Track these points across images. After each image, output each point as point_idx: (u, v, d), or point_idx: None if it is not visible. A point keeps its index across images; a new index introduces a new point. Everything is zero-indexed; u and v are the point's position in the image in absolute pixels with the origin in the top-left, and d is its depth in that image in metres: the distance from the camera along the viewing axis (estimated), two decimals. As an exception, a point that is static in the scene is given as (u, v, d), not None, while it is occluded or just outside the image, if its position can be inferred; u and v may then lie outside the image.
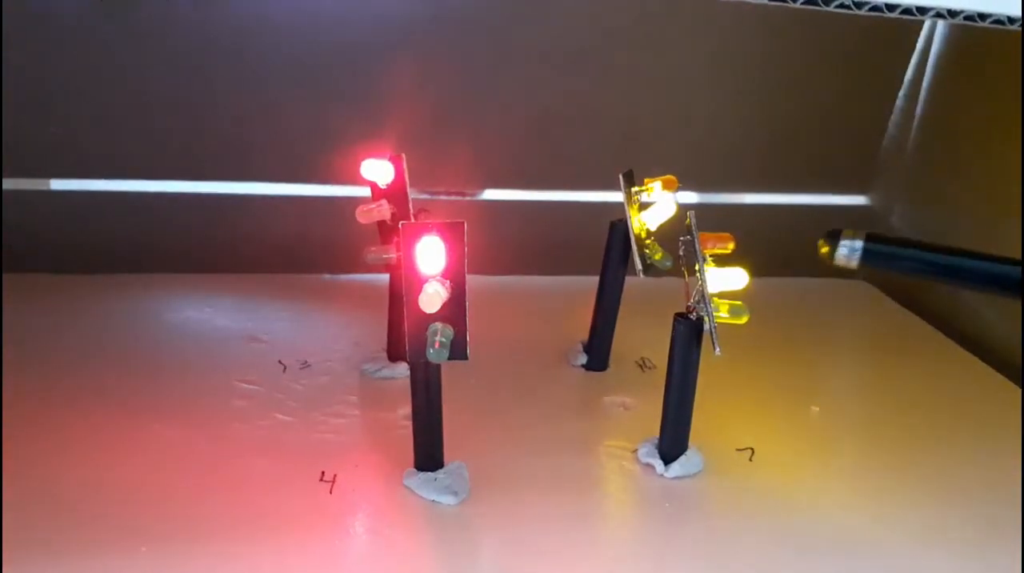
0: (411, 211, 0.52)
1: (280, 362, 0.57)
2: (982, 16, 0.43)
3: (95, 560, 0.38)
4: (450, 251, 0.40)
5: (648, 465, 0.48)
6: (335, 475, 0.45)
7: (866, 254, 0.39)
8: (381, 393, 0.55)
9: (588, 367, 0.59)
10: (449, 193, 0.77)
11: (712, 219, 0.45)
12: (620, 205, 0.53)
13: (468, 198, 0.78)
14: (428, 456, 0.45)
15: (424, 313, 0.39)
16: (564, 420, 0.53)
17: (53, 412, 0.49)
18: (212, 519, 0.41)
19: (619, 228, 0.55)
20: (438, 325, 0.40)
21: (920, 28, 0.78)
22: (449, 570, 0.39)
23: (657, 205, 0.54)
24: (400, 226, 0.40)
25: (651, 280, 0.52)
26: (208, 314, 0.63)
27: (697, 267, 0.44)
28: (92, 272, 0.68)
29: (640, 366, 0.60)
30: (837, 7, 0.43)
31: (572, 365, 0.60)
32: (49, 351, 0.56)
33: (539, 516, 0.43)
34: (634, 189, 0.53)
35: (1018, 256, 0.37)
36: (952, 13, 0.43)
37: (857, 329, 0.73)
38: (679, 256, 0.45)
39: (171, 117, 0.69)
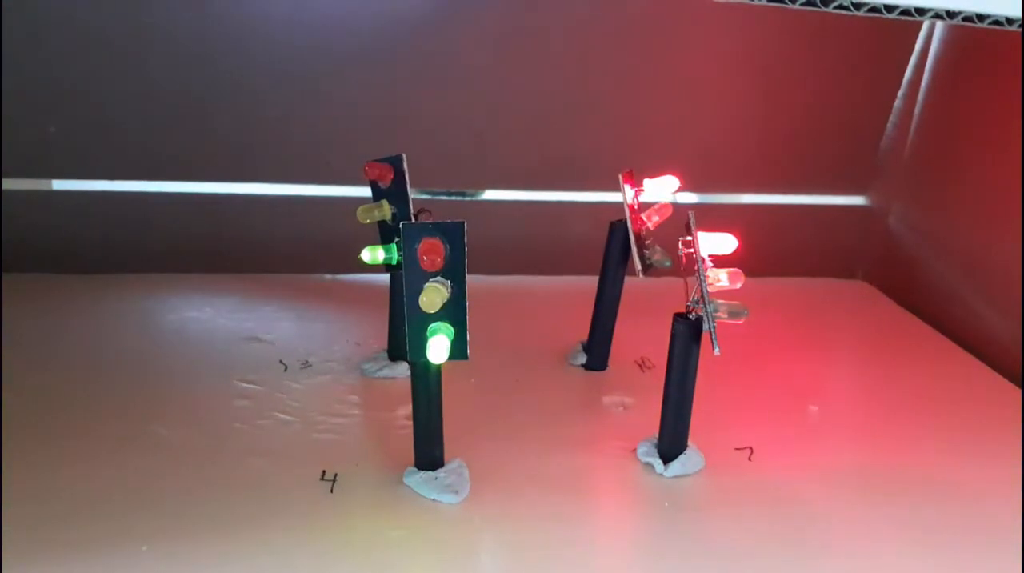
0: (411, 211, 0.52)
1: (281, 362, 0.57)
2: (981, 17, 0.43)
3: (95, 560, 0.38)
4: (450, 251, 0.40)
5: (647, 464, 0.48)
6: (336, 474, 0.45)
7: None
8: (381, 393, 0.55)
9: (588, 367, 0.60)
10: (449, 193, 0.77)
11: (712, 219, 0.45)
12: (620, 205, 0.53)
13: (468, 198, 0.78)
14: (428, 455, 0.45)
15: (424, 313, 0.40)
16: (564, 420, 0.53)
17: (53, 412, 0.49)
18: (212, 518, 0.41)
19: (619, 228, 0.55)
20: (438, 325, 0.40)
21: (919, 29, 0.78)
22: (449, 570, 0.39)
23: (656, 205, 0.54)
24: (400, 226, 0.40)
25: (651, 280, 0.53)
26: (208, 314, 0.63)
27: (697, 267, 0.44)
28: (92, 272, 0.68)
29: (640, 366, 0.61)
30: (836, 8, 0.43)
31: (572, 365, 0.60)
32: (49, 351, 0.56)
33: (539, 515, 0.43)
34: (634, 189, 0.53)
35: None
36: (951, 14, 0.43)
37: (857, 329, 0.73)
38: (678, 256, 0.45)
39: (171, 117, 0.69)
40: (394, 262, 0.47)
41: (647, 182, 0.54)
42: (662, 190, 0.54)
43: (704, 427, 0.49)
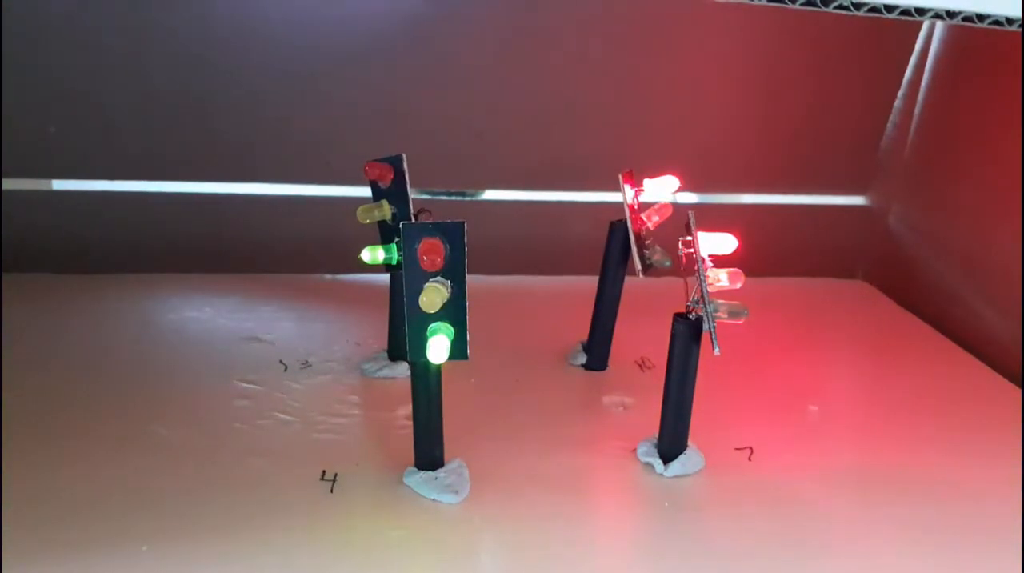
0: (411, 211, 0.52)
1: (281, 362, 0.57)
2: (981, 17, 0.43)
3: (95, 560, 0.38)
4: (450, 251, 0.40)
5: (647, 464, 0.48)
6: (336, 474, 0.45)
7: None
8: (381, 393, 0.55)
9: (588, 367, 0.60)
10: (449, 193, 0.77)
11: (712, 219, 0.45)
12: (620, 205, 0.53)
13: (468, 198, 0.78)
14: (428, 455, 0.45)
15: (424, 313, 0.40)
16: (564, 420, 0.53)
17: (53, 412, 0.49)
18: (212, 518, 0.41)
19: (619, 228, 0.55)
20: (438, 325, 0.40)
21: (919, 29, 0.78)
22: (449, 570, 0.39)
23: (656, 205, 0.54)
24: (400, 226, 0.40)
25: (651, 280, 0.53)
26: (208, 314, 0.63)
27: (697, 267, 0.44)
28: (92, 272, 0.68)
29: (640, 366, 0.61)
30: (836, 8, 0.43)
31: (572, 365, 0.60)
32: (49, 351, 0.56)
33: (539, 516, 0.43)
34: (634, 189, 0.53)
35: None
36: (951, 14, 0.43)
37: (857, 329, 0.73)
38: (678, 256, 0.45)
39: (171, 117, 0.69)
40: (394, 262, 0.47)
41: (647, 182, 0.54)
42: (662, 190, 0.54)
43: (704, 427, 0.49)
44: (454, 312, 0.41)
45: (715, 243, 0.45)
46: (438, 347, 0.40)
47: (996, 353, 0.66)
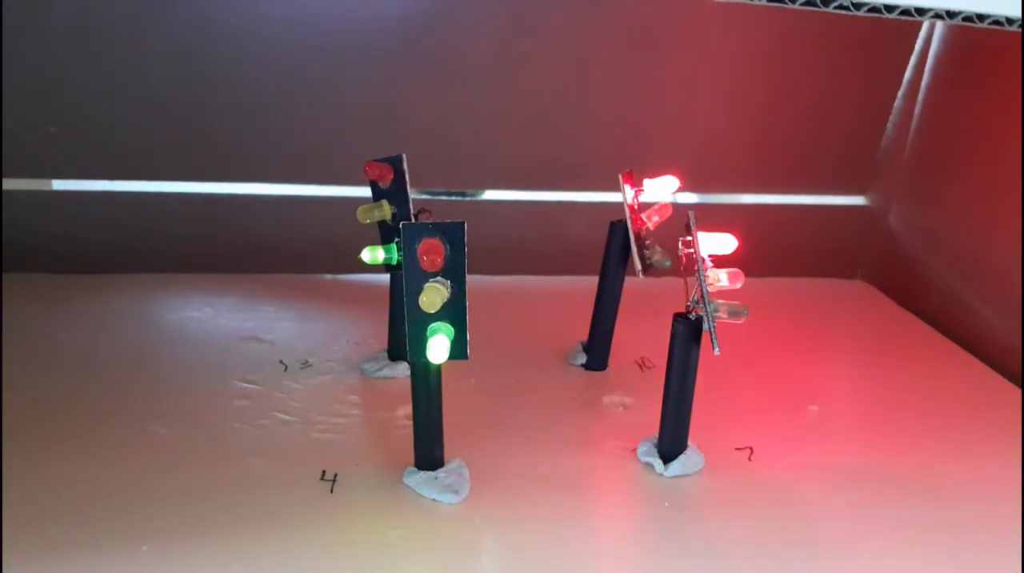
0: (411, 211, 0.52)
1: (281, 362, 0.57)
2: (981, 17, 0.43)
3: (95, 560, 0.38)
4: (450, 251, 0.40)
5: (647, 464, 0.48)
6: (336, 474, 0.45)
7: None
8: (381, 393, 0.55)
9: (588, 367, 0.60)
10: (449, 193, 0.77)
11: (712, 219, 0.45)
12: (620, 205, 0.53)
13: (468, 198, 0.78)
14: (428, 455, 0.45)
15: (424, 313, 0.40)
16: (564, 420, 0.53)
17: (53, 412, 0.49)
18: (212, 518, 0.41)
19: (619, 228, 0.55)
20: (438, 325, 0.40)
21: (919, 29, 0.78)
22: (449, 570, 0.39)
23: (656, 205, 0.54)
24: (401, 226, 0.40)
25: (651, 280, 0.53)
26: (208, 314, 0.63)
27: (697, 267, 0.44)
28: (92, 272, 0.68)
29: (640, 366, 0.61)
30: (836, 8, 0.43)
31: (572, 365, 0.60)
32: (49, 351, 0.56)
33: (539, 516, 0.43)
34: (634, 189, 0.53)
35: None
36: (951, 14, 0.43)
37: (857, 329, 0.73)
38: (678, 256, 0.45)
39: (171, 117, 0.69)
40: (394, 262, 0.47)
41: (647, 182, 0.54)
42: (662, 190, 0.54)
43: (704, 427, 0.49)
44: (454, 312, 0.41)
45: (715, 243, 0.45)
46: (438, 347, 0.40)
47: (996, 353, 0.66)
